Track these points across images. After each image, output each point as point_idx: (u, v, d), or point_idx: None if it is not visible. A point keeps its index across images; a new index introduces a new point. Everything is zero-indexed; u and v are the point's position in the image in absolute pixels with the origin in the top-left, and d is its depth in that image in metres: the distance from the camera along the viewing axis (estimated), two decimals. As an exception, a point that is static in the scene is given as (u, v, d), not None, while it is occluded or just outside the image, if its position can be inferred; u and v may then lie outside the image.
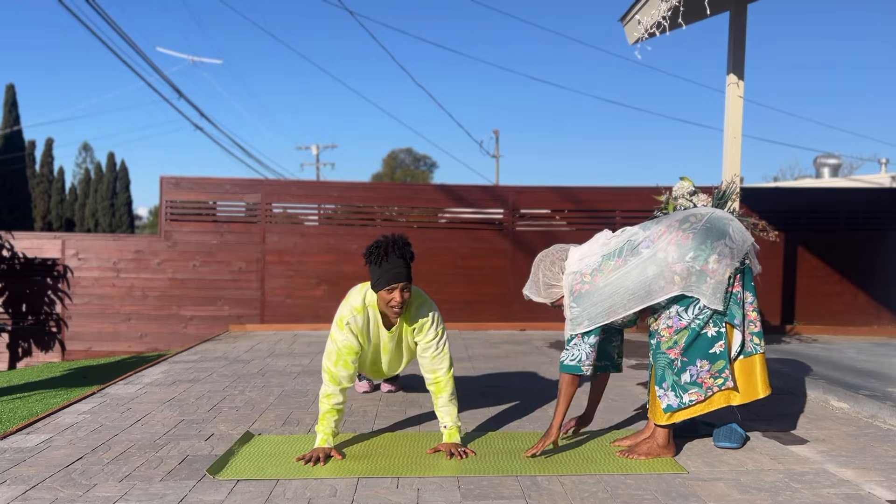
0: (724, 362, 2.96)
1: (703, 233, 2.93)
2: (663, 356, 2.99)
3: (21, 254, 7.77)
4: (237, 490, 2.61)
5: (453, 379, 3.13)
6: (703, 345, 2.95)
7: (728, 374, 2.96)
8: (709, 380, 2.96)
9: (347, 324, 3.08)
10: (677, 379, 2.97)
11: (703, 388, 2.96)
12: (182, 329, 7.78)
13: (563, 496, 2.55)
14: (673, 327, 2.97)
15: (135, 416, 3.68)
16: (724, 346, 2.95)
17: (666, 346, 2.98)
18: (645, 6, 5.40)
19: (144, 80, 15.68)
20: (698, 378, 2.96)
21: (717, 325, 2.95)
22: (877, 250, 8.10)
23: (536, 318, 7.82)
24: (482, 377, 4.79)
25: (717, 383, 2.96)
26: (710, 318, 2.93)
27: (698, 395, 2.96)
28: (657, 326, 3.02)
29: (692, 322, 2.94)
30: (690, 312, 2.94)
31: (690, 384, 2.96)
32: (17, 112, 34.97)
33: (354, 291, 3.18)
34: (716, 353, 2.95)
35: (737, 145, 5.60)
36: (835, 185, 19.21)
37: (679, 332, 2.96)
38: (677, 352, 2.96)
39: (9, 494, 2.54)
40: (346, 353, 3.05)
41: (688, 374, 2.96)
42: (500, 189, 8.39)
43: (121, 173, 41.47)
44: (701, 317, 2.93)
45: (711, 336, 2.94)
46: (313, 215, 8.16)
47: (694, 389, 2.96)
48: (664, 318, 2.99)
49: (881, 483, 2.72)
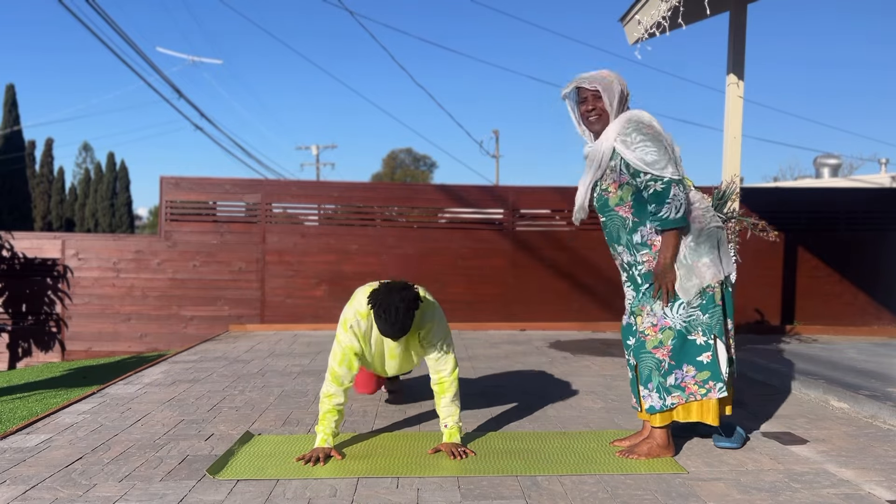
0: (710, 373, 2.93)
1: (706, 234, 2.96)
2: (650, 356, 2.97)
3: (21, 254, 7.77)
4: (237, 490, 2.61)
5: (458, 381, 3.13)
6: (692, 351, 2.93)
7: (712, 386, 2.93)
8: (693, 386, 2.95)
9: (351, 326, 3.08)
10: (663, 381, 2.96)
11: (685, 393, 2.95)
12: (182, 329, 7.78)
13: (563, 496, 2.55)
14: (658, 325, 2.95)
15: (135, 416, 3.68)
16: (711, 358, 2.93)
17: (651, 345, 2.96)
18: (645, 6, 5.40)
19: (144, 80, 15.67)
20: (682, 382, 2.95)
21: (706, 335, 2.93)
22: (877, 250, 8.10)
23: (536, 318, 7.83)
24: (482, 377, 4.79)
25: (700, 392, 2.94)
26: (699, 325, 2.92)
27: (680, 398, 2.96)
28: (642, 325, 3.00)
29: (678, 323, 2.92)
30: (675, 311, 2.93)
31: (674, 387, 2.96)
32: (17, 112, 34.97)
33: (360, 293, 3.14)
34: (703, 362, 2.93)
35: (737, 145, 5.60)
36: (835, 185, 19.20)
37: (664, 330, 2.94)
38: (664, 353, 2.94)
39: (9, 494, 2.54)
40: (350, 353, 3.06)
41: (673, 377, 2.95)
42: (500, 189, 8.39)
43: (121, 173, 41.47)
44: (689, 319, 2.92)
45: (700, 345, 2.93)
46: (313, 215, 8.16)
47: (677, 393, 2.96)
48: (648, 317, 2.97)
49: (881, 483, 2.72)
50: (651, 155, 2.81)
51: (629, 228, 2.96)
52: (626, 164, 2.88)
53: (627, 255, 3.01)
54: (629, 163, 2.86)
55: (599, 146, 2.95)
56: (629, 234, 2.97)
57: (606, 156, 2.93)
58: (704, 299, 2.93)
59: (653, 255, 2.94)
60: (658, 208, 2.83)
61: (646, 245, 2.95)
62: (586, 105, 2.98)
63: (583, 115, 3.02)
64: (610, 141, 2.90)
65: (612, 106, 2.93)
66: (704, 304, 2.93)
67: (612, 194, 2.97)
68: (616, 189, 2.95)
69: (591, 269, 7.88)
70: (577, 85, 3.00)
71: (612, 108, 2.93)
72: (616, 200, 2.97)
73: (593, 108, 2.96)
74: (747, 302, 7.87)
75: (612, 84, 2.94)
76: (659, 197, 2.82)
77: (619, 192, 2.95)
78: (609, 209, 3.00)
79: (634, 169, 2.86)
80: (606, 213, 3.02)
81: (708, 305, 2.93)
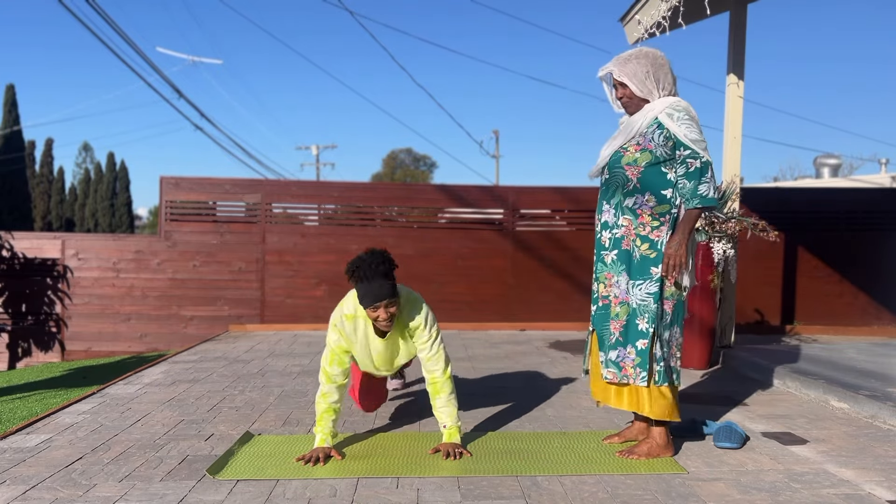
0: (640, 360, 2.97)
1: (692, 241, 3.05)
2: (608, 329, 3.03)
3: (21, 254, 7.77)
4: (237, 490, 2.61)
5: (451, 379, 3.12)
6: (634, 334, 2.98)
7: (638, 373, 2.97)
8: (629, 368, 2.99)
9: (336, 325, 3.10)
10: (607, 354, 3.03)
11: (620, 373, 3.01)
12: (182, 329, 7.78)
13: (563, 496, 2.55)
14: (619, 298, 2.99)
15: (135, 416, 3.68)
16: (646, 345, 2.95)
17: (611, 315, 3.02)
18: (645, 6, 5.41)
19: (144, 80, 15.64)
20: (622, 361, 3.01)
21: (649, 323, 2.95)
22: (877, 250, 8.10)
23: (536, 318, 7.83)
24: (482, 377, 4.79)
25: (633, 376, 2.98)
26: (647, 312, 2.95)
27: (615, 376, 3.01)
28: (607, 292, 3.04)
29: (634, 302, 2.97)
30: (636, 290, 2.97)
31: (613, 363, 3.02)
32: (17, 112, 34.99)
33: (350, 297, 3.14)
34: (639, 347, 2.97)
35: (737, 145, 5.60)
36: (835, 185, 19.20)
37: (623, 305, 2.99)
38: (617, 326, 3.00)
39: (9, 494, 2.54)
40: (339, 352, 3.08)
41: (616, 353, 3.01)
42: (500, 189, 8.39)
43: (121, 173, 41.47)
44: (641, 304, 2.95)
45: (640, 330, 2.97)
46: (313, 215, 8.16)
47: (613, 370, 3.02)
48: (613, 287, 3.02)
49: (881, 483, 2.72)
50: (695, 133, 2.91)
51: (627, 190, 2.99)
52: (668, 136, 2.93)
53: (611, 214, 3.04)
54: (673, 134, 2.91)
55: (639, 116, 3.00)
56: (623, 196, 3.00)
57: (645, 124, 2.96)
58: (661, 290, 2.96)
59: (634, 225, 2.97)
60: (696, 185, 2.89)
61: (633, 213, 2.98)
62: (618, 91, 3.08)
63: (617, 97, 3.11)
64: (654, 112, 2.95)
65: (642, 89, 2.99)
66: (657, 294, 2.96)
67: (629, 153, 3.00)
68: (636, 150, 2.98)
69: (591, 269, 7.85)
70: (609, 70, 3.08)
71: (644, 90, 2.99)
72: (629, 160, 3.00)
73: (622, 95, 3.06)
74: (747, 302, 7.87)
75: (636, 71, 2.98)
76: (697, 174, 2.89)
77: (637, 154, 2.98)
78: (619, 165, 3.03)
79: (677, 140, 2.91)
80: (614, 168, 3.05)
81: (663, 297, 2.97)
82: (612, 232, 3.03)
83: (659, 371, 2.96)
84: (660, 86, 2.99)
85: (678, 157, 2.93)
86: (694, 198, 2.90)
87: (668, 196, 2.96)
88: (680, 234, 2.91)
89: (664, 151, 2.94)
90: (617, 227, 3.01)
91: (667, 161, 2.95)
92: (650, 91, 2.98)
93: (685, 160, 2.91)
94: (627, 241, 2.99)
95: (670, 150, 2.93)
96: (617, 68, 3.02)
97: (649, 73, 2.97)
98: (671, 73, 3.03)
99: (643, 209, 2.96)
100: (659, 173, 2.96)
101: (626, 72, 3.00)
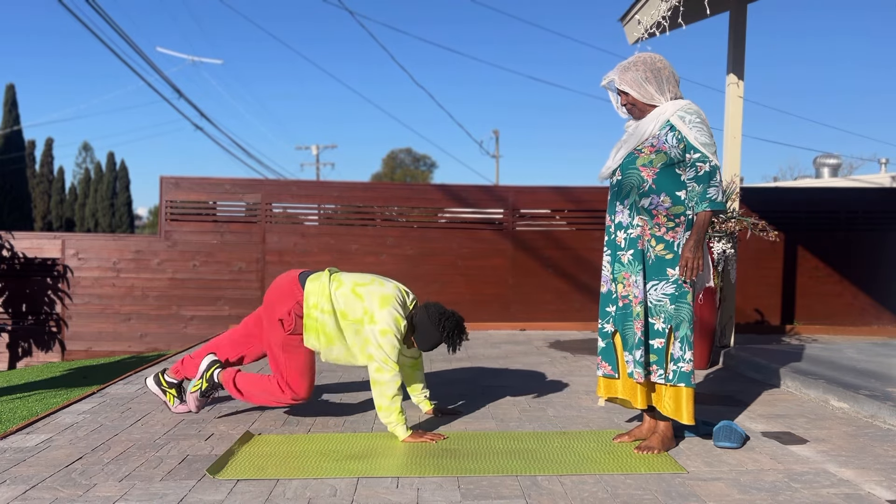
0: (657, 357, 3.03)
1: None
2: (630, 329, 3.06)
3: (21, 254, 7.77)
4: (237, 490, 2.61)
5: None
6: (652, 333, 3.05)
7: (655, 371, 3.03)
8: (651, 367, 3.07)
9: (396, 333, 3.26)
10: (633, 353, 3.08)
11: (644, 370, 3.05)
12: (182, 329, 7.78)
13: (563, 496, 2.55)
14: (638, 298, 3.03)
15: (135, 416, 3.68)
16: (662, 344, 3.03)
17: (633, 315, 3.05)
18: (645, 6, 5.41)
19: (144, 80, 15.68)
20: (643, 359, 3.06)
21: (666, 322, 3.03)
22: (877, 250, 8.10)
23: (536, 318, 7.83)
24: (482, 377, 4.79)
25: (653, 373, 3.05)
26: (663, 312, 3.01)
27: (640, 375, 3.05)
28: (627, 291, 3.06)
29: (650, 302, 3.03)
30: (652, 291, 3.03)
31: (637, 363, 3.05)
32: (17, 112, 35.01)
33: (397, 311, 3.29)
34: (653, 346, 3.05)
35: (736, 145, 5.60)
36: (835, 185, 19.20)
37: (642, 304, 3.04)
38: (639, 326, 3.04)
39: (9, 494, 2.54)
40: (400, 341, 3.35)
41: (640, 352, 3.05)
42: (500, 189, 8.39)
43: (121, 173, 41.48)
44: (660, 304, 3.01)
45: (657, 329, 3.05)
46: (313, 215, 8.16)
47: (639, 369, 3.05)
48: (632, 287, 3.04)
49: (881, 483, 2.72)
50: (705, 137, 2.95)
51: (643, 191, 3.02)
52: (680, 138, 2.96)
53: (625, 215, 3.06)
54: (685, 137, 2.95)
55: (649, 119, 3.02)
56: (639, 196, 3.02)
57: (657, 126, 2.99)
58: (678, 292, 3.01)
59: (650, 225, 3.00)
60: (706, 189, 2.95)
61: (648, 213, 3.01)
62: (621, 98, 3.12)
63: (622, 104, 3.15)
64: (666, 115, 2.99)
65: (644, 94, 3.03)
66: (674, 295, 3.01)
67: (644, 155, 3.02)
68: (650, 152, 3.01)
69: (591, 269, 7.88)
70: (611, 79, 3.13)
71: (645, 95, 3.03)
72: (644, 161, 3.02)
73: (625, 102, 3.10)
74: (747, 302, 7.87)
75: (635, 79, 3.03)
76: (706, 178, 2.95)
77: (652, 156, 3.00)
78: (633, 167, 3.05)
79: (687, 143, 2.95)
80: (629, 169, 3.06)
81: (678, 298, 3.01)
82: (626, 232, 3.05)
83: (675, 371, 3.03)
84: (662, 89, 3.02)
85: (688, 161, 2.97)
86: (703, 201, 2.95)
87: (682, 197, 2.99)
88: (695, 238, 2.95)
89: (677, 153, 2.98)
90: (632, 228, 3.04)
91: (680, 163, 2.99)
92: (652, 95, 3.02)
93: (695, 163, 2.96)
94: (642, 241, 3.02)
95: (682, 151, 2.97)
96: (618, 77, 3.08)
97: (648, 78, 3.02)
98: (673, 75, 3.06)
99: (658, 210, 2.99)
100: (673, 174, 2.99)
101: (626, 80, 3.05)
